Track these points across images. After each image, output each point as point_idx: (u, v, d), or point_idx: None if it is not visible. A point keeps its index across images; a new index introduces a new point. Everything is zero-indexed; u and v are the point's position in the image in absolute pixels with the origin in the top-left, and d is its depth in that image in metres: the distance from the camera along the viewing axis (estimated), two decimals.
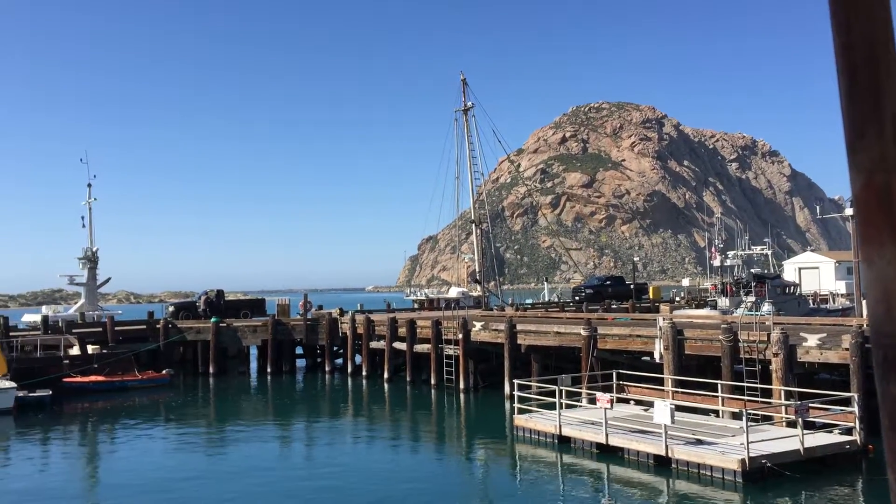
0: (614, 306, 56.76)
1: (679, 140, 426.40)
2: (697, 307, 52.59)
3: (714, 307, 47.83)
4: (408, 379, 41.21)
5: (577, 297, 66.69)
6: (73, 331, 46.21)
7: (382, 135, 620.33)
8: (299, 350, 50.45)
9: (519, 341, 35.48)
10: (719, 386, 24.86)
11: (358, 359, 46.50)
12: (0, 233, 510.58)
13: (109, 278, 58.67)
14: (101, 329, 47.44)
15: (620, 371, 28.66)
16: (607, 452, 22.54)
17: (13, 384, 35.73)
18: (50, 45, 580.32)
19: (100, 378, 41.68)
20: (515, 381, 28.01)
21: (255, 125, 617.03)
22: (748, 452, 19.12)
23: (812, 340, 24.79)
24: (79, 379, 41.31)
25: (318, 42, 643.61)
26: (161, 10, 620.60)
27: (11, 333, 44.94)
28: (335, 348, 48.85)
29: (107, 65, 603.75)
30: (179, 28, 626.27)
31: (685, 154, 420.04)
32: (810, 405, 21.35)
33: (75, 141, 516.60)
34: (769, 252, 62.28)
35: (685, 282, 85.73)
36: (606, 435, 22.63)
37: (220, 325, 48.38)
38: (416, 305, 68.76)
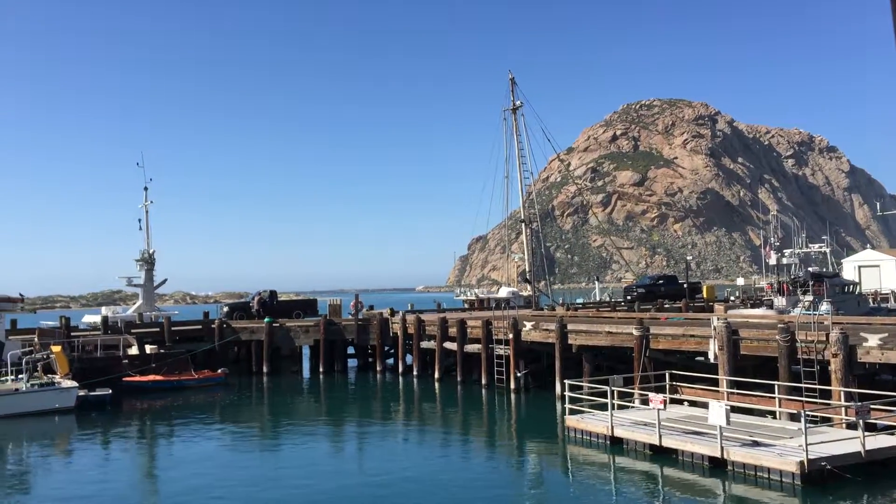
0: (667, 306, 56.06)
1: (733, 136, 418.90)
2: (753, 307, 51.54)
3: (770, 307, 46.85)
4: (458, 379, 41.27)
5: (628, 297, 66.02)
6: (132, 331, 47.33)
7: (432, 135, 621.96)
8: (351, 350, 50.87)
9: (570, 341, 35.26)
10: (776, 387, 24.36)
11: (409, 359, 46.73)
12: (62, 235, 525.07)
13: (166, 279, 59.86)
14: (158, 329, 48.49)
15: (673, 371, 28.27)
16: (660, 454, 22.26)
17: (75, 383, 36.74)
18: (109, 51, 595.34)
19: (158, 377, 42.64)
20: (567, 382, 27.80)
21: (306, 127, 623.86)
22: (807, 454, 18.70)
23: (873, 340, 24.12)
24: (137, 378, 42.32)
25: (365, 43, 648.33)
26: (209, 14, 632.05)
27: (73, 334, 46.16)
28: (386, 348, 49.15)
29: (165, 69, 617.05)
30: (230, 30, 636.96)
31: (739, 151, 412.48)
32: (871, 406, 20.81)
33: (132, 144, 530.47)
34: (827, 250, 60.88)
35: (740, 281, 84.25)
36: (660, 436, 22.35)
37: (274, 325, 49.07)
38: (466, 305, 68.82)
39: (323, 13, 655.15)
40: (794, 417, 22.76)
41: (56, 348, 39.32)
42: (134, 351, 44.74)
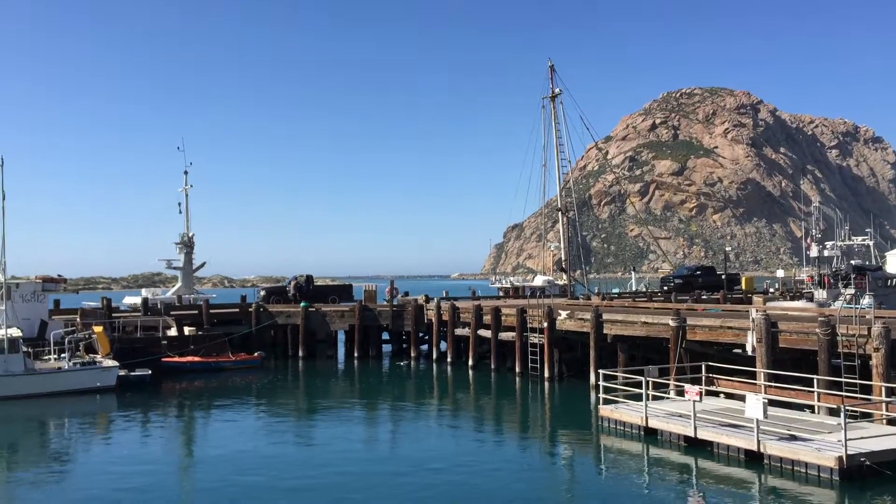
0: (704, 297, 55.47)
1: (775, 126, 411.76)
2: (792, 299, 50.86)
3: (810, 299, 46.22)
4: (492, 366, 41.29)
5: (665, 287, 65.50)
6: (171, 313, 48.07)
7: (469, 123, 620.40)
8: (385, 336, 51.14)
9: (605, 331, 35.07)
10: (815, 381, 23.99)
11: (443, 345, 46.86)
12: (105, 219, 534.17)
13: (204, 263, 60.67)
14: (196, 312, 49.19)
15: (710, 363, 27.99)
16: (695, 446, 22.07)
17: (115, 363, 37.46)
18: (150, 42, 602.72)
19: (196, 359, 43.32)
20: (601, 371, 27.67)
21: (346, 117, 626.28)
22: (846, 450, 18.40)
23: None
24: (176, 359, 43.04)
25: (404, 35, 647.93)
26: (251, 8, 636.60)
27: (114, 315, 47.00)
28: (420, 334, 49.34)
29: (202, 59, 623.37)
30: (269, 23, 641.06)
31: (781, 141, 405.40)
32: None
33: (173, 129, 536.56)
34: (870, 242, 59.82)
35: (780, 273, 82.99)
36: (695, 428, 22.16)
37: (310, 309, 49.49)
38: (500, 293, 68.82)
39: (362, 7, 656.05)
40: (833, 412, 22.42)
41: (98, 328, 40.08)
42: (173, 333, 45.45)
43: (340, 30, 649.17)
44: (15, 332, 35.62)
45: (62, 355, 37.05)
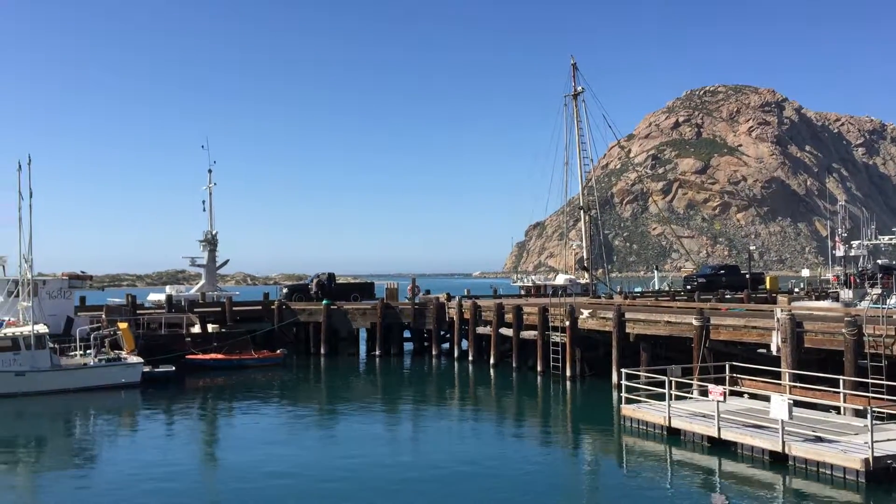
0: (728, 296, 55.03)
1: (800, 124, 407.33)
2: (818, 299, 50.30)
3: (836, 299, 45.75)
4: (514, 365, 41.24)
5: (688, 287, 65.05)
6: (195, 310, 48.45)
7: (492, 121, 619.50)
8: (407, 334, 51.23)
9: (627, 330, 34.90)
10: (841, 382, 23.73)
11: (464, 344, 46.86)
12: (130, 216, 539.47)
13: (228, 260, 61.04)
14: (219, 309, 49.53)
15: (734, 363, 27.77)
16: (719, 446, 21.91)
17: (140, 359, 37.84)
18: (178, 43, 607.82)
19: (219, 356, 43.64)
20: (623, 371, 27.54)
21: (367, 116, 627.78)
22: (872, 452, 18.18)
23: None
24: (199, 356, 43.37)
25: (423, 35, 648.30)
26: (270, 10, 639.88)
27: (138, 311, 47.46)
28: (442, 333, 49.39)
29: (228, 59, 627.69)
30: (291, 26, 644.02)
31: (807, 139, 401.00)
32: None
33: (199, 128, 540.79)
34: None
35: (805, 272, 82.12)
36: (719, 428, 22.00)
37: (332, 307, 49.69)
38: (522, 292, 68.64)
39: (387, 8, 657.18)
40: (859, 413, 22.14)
41: (122, 325, 40.50)
42: (196, 329, 45.81)
43: (367, 32, 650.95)
44: (42, 329, 36.08)
45: (88, 351, 37.51)
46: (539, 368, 39.32)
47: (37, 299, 38.45)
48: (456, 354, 46.72)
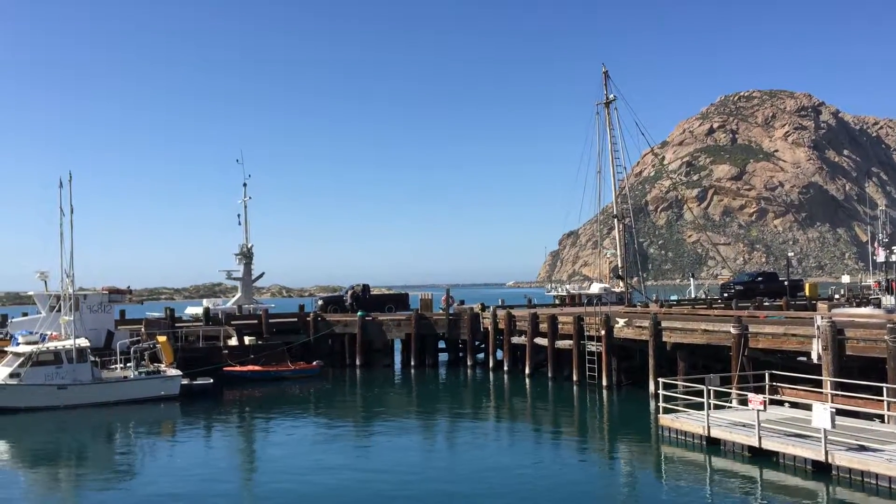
0: (766, 304, 54.26)
1: (838, 128, 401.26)
2: (859, 305, 49.37)
3: (878, 306, 44.82)
4: (549, 375, 41.04)
5: (725, 294, 64.27)
6: (232, 323, 48.93)
7: (525, 129, 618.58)
8: (441, 344, 51.23)
9: (664, 339, 34.57)
10: (885, 389, 23.26)
11: (499, 354, 46.74)
12: (168, 229, 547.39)
13: (263, 273, 61.58)
14: (256, 321, 49.93)
15: (773, 372, 27.36)
16: (760, 456, 21.59)
17: (179, 372, 38.30)
18: (213, 58, 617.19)
19: (256, 368, 43.98)
20: (661, 380, 27.27)
21: (400, 127, 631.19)
22: None
23: None
24: (237, 368, 43.76)
25: (456, 43, 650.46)
26: (304, 15, 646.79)
27: (177, 324, 48.03)
28: (477, 343, 49.32)
29: (263, 73, 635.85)
30: (322, 33, 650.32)
31: (845, 143, 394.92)
32: None
33: (232, 141, 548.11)
34: None
35: (845, 278, 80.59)
36: (759, 438, 21.68)
37: (366, 318, 49.88)
38: (556, 301, 68.34)
39: (418, 14, 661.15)
40: None
41: (161, 338, 41.04)
42: (233, 342, 46.26)
43: (397, 41, 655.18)
44: (83, 343, 36.71)
45: (128, 364, 38.06)
46: (575, 378, 39.09)
47: (78, 314, 39.10)
48: (491, 365, 46.63)
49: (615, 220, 70.26)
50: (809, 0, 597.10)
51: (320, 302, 58.03)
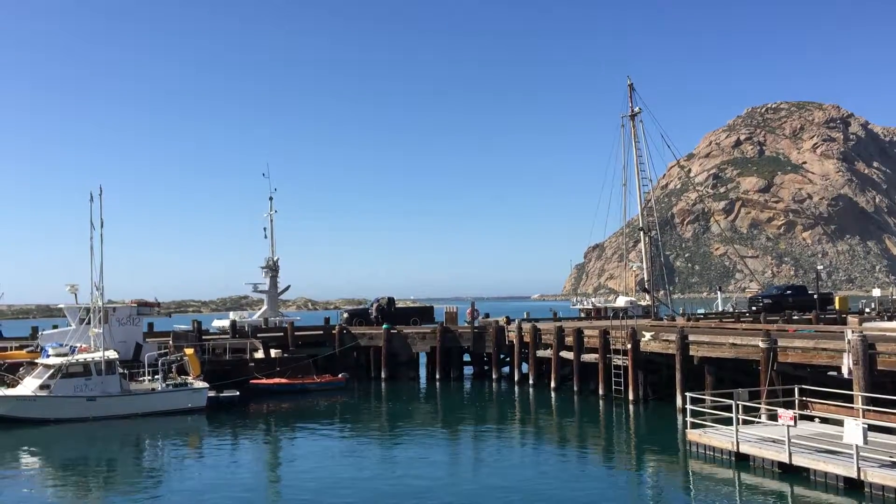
0: (795, 317, 53.60)
1: (867, 140, 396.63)
2: (890, 319, 48.61)
3: None
4: (575, 388, 40.80)
5: (754, 308, 63.61)
6: (258, 335, 49.22)
7: (550, 139, 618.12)
8: (467, 357, 51.16)
9: (691, 352, 34.24)
10: None
11: (524, 367, 46.56)
12: (195, 242, 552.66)
13: (289, 286, 61.99)
14: (282, 334, 50.22)
15: (803, 386, 26.99)
16: (790, 473, 21.29)
17: (206, 384, 38.56)
18: (242, 71, 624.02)
19: (282, 380, 44.17)
20: (688, 395, 27.00)
21: (425, 138, 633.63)
22: None
23: None
24: (263, 381, 43.97)
25: (481, 52, 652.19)
26: (332, 22, 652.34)
27: (204, 337, 48.41)
28: (502, 356, 49.18)
29: (291, 86, 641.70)
30: (349, 46, 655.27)
31: (875, 155, 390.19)
32: None
33: (258, 154, 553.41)
34: None
35: (876, 292, 79.49)
36: (790, 454, 21.37)
37: (392, 331, 49.94)
38: (582, 314, 68.02)
39: (444, 23, 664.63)
40: None
41: (189, 351, 41.35)
42: (260, 355, 46.49)
43: (426, 49, 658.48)
44: (112, 355, 37.10)
45: (156, 377, 38.38)
46: (601, 392, 38.82)
47: (107, 326, 39.55)
48: (516, 378, 46.45)
49: (641, 232, 69.91)
50: (838, 12, 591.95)
51: (346, 315, 58.23)
